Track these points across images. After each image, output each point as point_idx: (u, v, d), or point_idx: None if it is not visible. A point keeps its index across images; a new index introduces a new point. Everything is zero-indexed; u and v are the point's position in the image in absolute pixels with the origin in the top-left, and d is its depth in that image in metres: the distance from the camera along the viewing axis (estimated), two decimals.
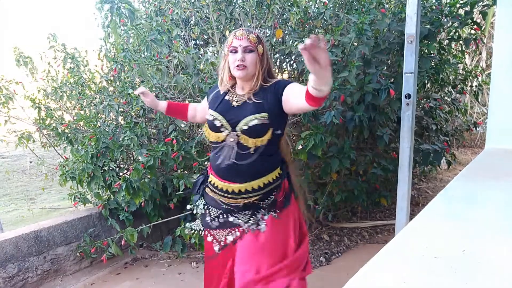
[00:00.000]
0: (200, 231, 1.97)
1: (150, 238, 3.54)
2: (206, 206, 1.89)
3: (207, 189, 1.88)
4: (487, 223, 1.03)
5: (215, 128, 1.74)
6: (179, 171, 3.29)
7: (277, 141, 1.78)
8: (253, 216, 1.78)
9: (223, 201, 1.79)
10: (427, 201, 3.81)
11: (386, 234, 3.61)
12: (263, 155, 1.72)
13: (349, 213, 3.95)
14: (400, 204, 2.13)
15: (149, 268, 3.26)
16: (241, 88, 1.78)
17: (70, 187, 3.43)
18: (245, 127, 1.67)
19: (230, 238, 1.81)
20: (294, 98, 1.64)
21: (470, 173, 1.54)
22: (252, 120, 1.67)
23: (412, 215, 1.54)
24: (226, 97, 1.79)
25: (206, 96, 1.96)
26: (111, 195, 3.37)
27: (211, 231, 1.86)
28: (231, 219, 1.79)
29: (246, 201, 1.76)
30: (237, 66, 1.67)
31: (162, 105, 2.09)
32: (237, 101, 1.75)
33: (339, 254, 3.28)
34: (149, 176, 3.11)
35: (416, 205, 4.28)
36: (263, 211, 1.79)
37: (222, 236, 1.82)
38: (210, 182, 1.85)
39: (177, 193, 3.33)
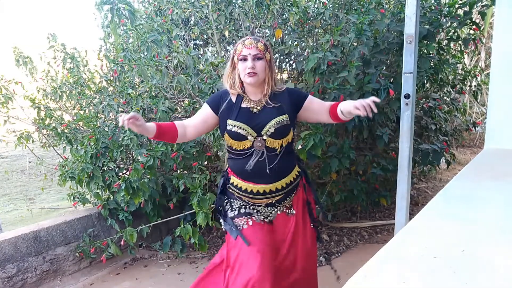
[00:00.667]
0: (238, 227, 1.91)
1: (149, 238, 3.54)
2: (227, 201, 1.98)
3: (230, 190, 1.97)
4: (486, 223, 1.03)
5: (241, 137, 1.81)
6: (178, 171, 3.29)
7: (293, 139, 1.95)
8: (274, 212, 1.97)
9: (248, 201, 1.93)
10: (427, 201, 3.82)
11: (385, 234, 3.62)
12: (286, 154, 1.87)
13: (348, 213, 3.95)
14: (400, 204, 2.13)
15: (149, 268, 3.26)
16: (254, 94, 1.86)
17: (70, 187, 3.42)
18: (272, 130, 1.80)
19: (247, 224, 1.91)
20: (316, 114, 1.91)
21: (469, 173, 1.55)
22: (277, 122, 1.81)
23: (411, 215, 1.55)
24: (243, 105, 1.84)
25: (208, 106, 1.88)
26: (111, 195, 3.37)
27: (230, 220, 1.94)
28: (252, 211, 1.93)
29: (269, 201, 1.92)
30: (248, 73, 1.77)
31: (152, 127, 1.77)
32: (256, 107, 1.84)
33: (339, 254, 3.28)
34: (148, 176, 3.11)
35: (416, 205, 4.28)
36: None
37: (241, 221, 1.90)
38: (232, 184, 1.93)
39: (177, 193, 3.34)
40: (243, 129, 1.79)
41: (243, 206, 1.93)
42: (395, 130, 3.22)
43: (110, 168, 3.24)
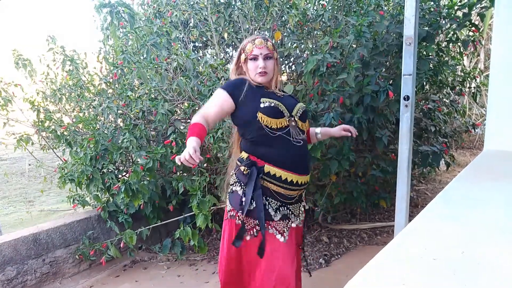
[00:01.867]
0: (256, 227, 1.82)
1: (149, 241, 3.54)
2: (264, 197, 1.82)
3: (263, 182, 1.81)
4: (486, 224, 1.03)
5: (279, 114, 1.79)
6: (178, 173, 3.28)
7: None
8: (300, 209, 1.95)
9: (282, 192, 1.83)
10: (426, 203, 3.81)
11: (385, 236, 3.61)
12: (306, 143, 1.90)
13: (348, 215, 3.95)
14: (399, 205, 2.13)
15: (148, 271, 3.25)
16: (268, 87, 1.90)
17: (69, 189, 3.42)
18: (300, 112, 1.87)
19: (287, 230, 1.87)
20: None
21: (469, 174, 1.55)
22: (301, 106, 1.91)
23: (411, 216, 1.55)
24: (266, 90, 1.87)
25: (225, 92, 1.79)
26: (110, 198, 3.37)
27: (271, 222, 1.82)
28: (286, 212, 1.87)
29: (300, 192, 1.90)
30: (259, 73, 1.81)
31: (197, 142, 1.64)
32: (277, 93, 1.88)
33: (339, 256, 3.28)
34: (148, 178, 3.11)
35: (415, 207, 4.28)
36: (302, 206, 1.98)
37: (284, 227, 1.85)
38: (269, 173, 1.79)
39: (176, 195, 3.33)
40: (280, 105, 1.79)
41: (280, 207, 1.84)
42: (395, 132, 3.22)
43: (109, 171, 3.23)
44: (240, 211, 1.79)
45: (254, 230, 1.80)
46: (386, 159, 3.40)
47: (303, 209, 1.99)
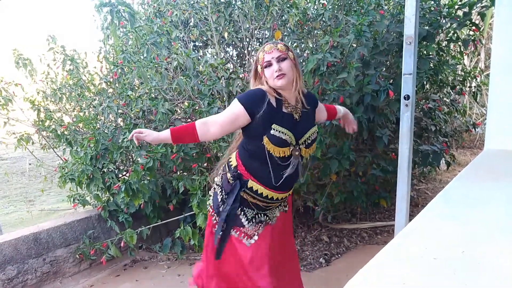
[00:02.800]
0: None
1: (149, 240, 3.54)
2: (240, 208, 1.89)
3: (243, 194, 1.87)
4: (486, 224, 1.03)
5: (284, 144, 1.75)
6: (178, 173, 3.28)
7: None
8: (277, 213, 1.99)
9: (260, 204, 1.89)
10: (427, 202, 3.81)
11: (385, 235, 3.61)
12: (300, 165, 1.89)
13: (348, 214, 3.95)
14: (400, 205, 2.13)
15: (149, 270, 3.25)
16: (289, 98, 1.81)
17: (70, 189, 3.42)
18: (309, 140, 1.83)
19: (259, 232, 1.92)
20: (320, 114, 2.06)
21: (470, 174, 1.55)
22: (314, 132, 1.86)
23: (411, 216, 1.55)
24: (285, 110, 1.78)
25: (242, 107, 1.72)
26: (111, 197, 3.37)
27: (241, 228, 1.90)
28: (263, 218, 1.92)
29: (278, 204, 1.95)
30: (277, 76, 1.73)
31: (165, 134, 1.84)
32: (296, 113, 1.81)
33: (339, 255, 3.28)
34: (148, 178, 3.11)
35: (416, 206, 4.28)
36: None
37: (255, 231, 1.91)
38: (251, 188, 1.84)
39: (176, 195, 3.33)
40: (288, 136, 1.74)
41: (256, 215, 1.90)
42: (395, 131, 3.22)
43: (110, 170, 3.24)
44: (215, 213, 1.94)
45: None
46: (386, 158, 3.39)
47: (285, 206, 2.04)
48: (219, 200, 1.92)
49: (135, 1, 4.67)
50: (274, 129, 1.71)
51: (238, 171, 1.85)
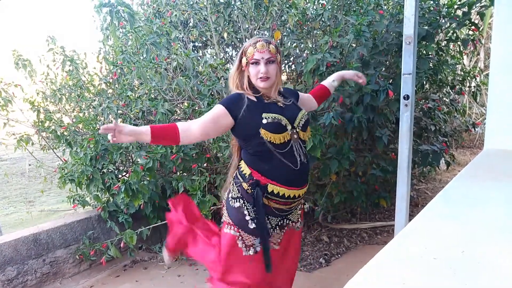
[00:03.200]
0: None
1: (149, 240, 3.54)
2: (266, 217, 1.83)
3: (266, 201, 1.79)
4: (486, 223, 1.03)
5: (281, 128, 1.73)
6: (178, 173, 3.28)
7: None
8: (298, 212, 1.96)
9: (283, 208, 1.84)
10: (426, 202, 3.82)
11: (385, 235, 3.61)
12: (307, 157, 1.86)
13: (348, 214, 3.95)
14: (399, 205, 2.13)
15: (149, 270, 3.25)
16: (267, 94, 1.82)
17: (69, 189, 3.42)
18: (302, 122, 1.82)
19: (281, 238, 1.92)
20: (307, 104, 2.08)
21: (469, 173, 1.55)
22: (304, 114, 1.85)
23: (411, 216, 1.55)
24: (266, 101, 1.79)
25: (222, 106, 1.73)
26: (110, 198, 3.37)
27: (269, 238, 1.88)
28: (286, 222, 1.90)
29: (299, 201, 1.90)
30: (261, 78, 1.74)
31: (143, 131, 1.67)
32: (279, 102, 1.82)
33: (339, 255, 3.28)
34: (148, 178, 3.11)
35: (415, 206, 4.28)
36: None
37: (279, 237, 1.91)
38: (272, 192, 1.76)
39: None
40: (281, 118, 1.73)
41: (281, 221, 1.87)
42: (395, 131, 3.22)
43: (109, 171, 3.23)
44: (242, 229, 1.82)
45: (254, 246, 1.83)
46: (386, 158, 3.40)
47: (300, 213, 1.99)
48: (244, 213, 1.80)
49: (134, 2, 4.67)
50: (265, 118, 1.71)
51: (254, 178, 1.77)
